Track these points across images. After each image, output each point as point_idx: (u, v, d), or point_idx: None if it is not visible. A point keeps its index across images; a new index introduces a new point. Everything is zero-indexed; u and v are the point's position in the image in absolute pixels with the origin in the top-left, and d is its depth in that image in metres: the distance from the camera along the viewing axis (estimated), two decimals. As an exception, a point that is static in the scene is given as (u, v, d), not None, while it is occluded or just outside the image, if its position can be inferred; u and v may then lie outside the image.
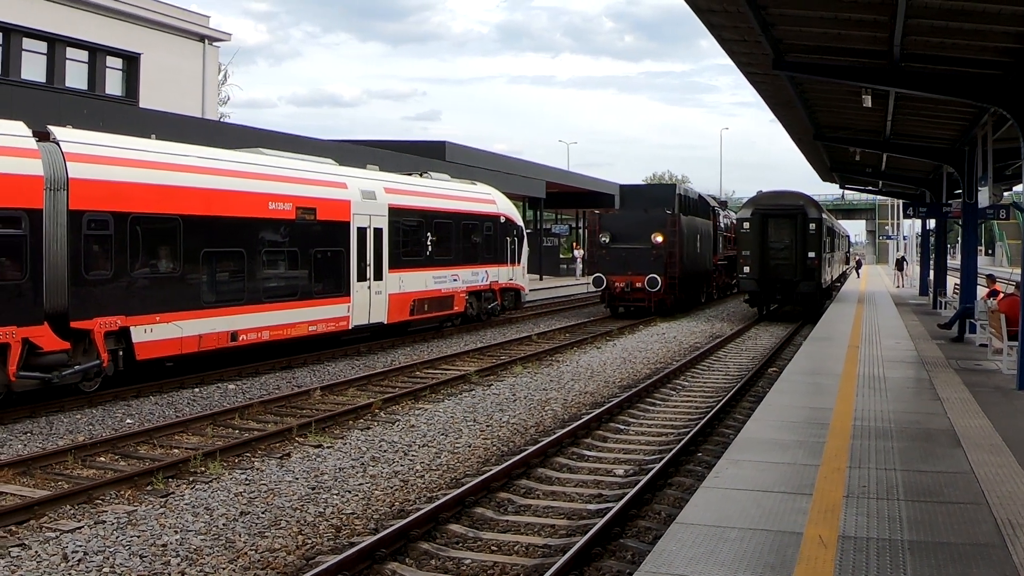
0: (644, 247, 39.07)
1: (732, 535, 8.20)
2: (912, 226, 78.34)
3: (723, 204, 61.77)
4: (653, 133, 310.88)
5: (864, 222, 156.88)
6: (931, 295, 40.34)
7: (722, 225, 53.48)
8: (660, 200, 41.65)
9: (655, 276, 38.37)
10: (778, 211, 38.75)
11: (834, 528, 8.46)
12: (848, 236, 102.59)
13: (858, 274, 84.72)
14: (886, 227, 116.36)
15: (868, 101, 19.82)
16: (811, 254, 38.13)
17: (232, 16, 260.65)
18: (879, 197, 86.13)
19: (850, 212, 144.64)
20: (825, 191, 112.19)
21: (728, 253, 53.88)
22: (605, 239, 39.77)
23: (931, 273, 42.64)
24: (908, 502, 9.38)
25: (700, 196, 48.01)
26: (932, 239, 44.37)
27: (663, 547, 7.87)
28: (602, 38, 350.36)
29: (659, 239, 38.77)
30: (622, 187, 47.99)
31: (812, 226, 38.23)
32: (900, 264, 65.35)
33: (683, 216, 40.56)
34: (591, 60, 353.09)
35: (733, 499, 9.37)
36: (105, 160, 18.50)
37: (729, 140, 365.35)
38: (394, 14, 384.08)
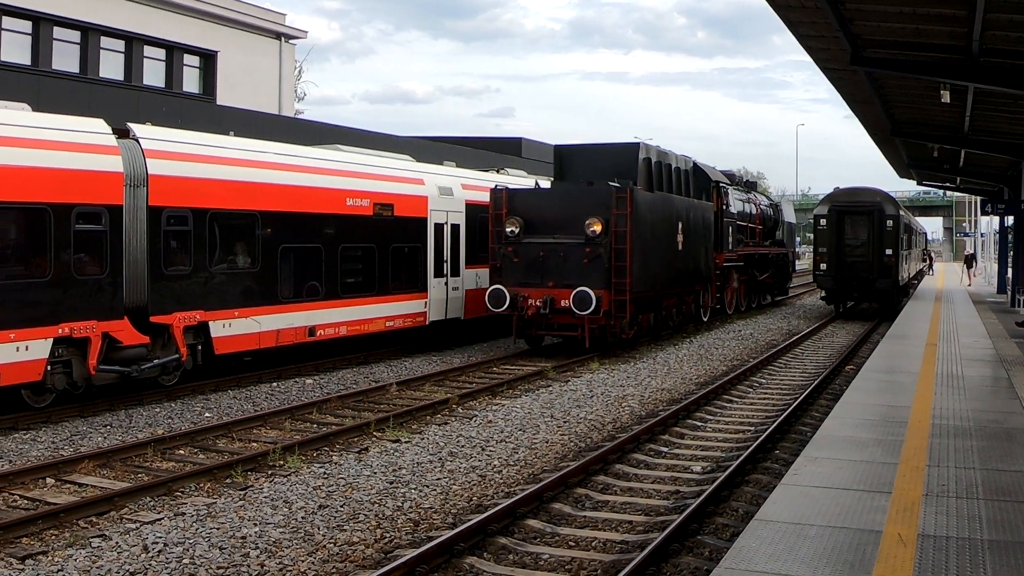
0: (574, 242, 25.01)
1: (811, 532, 8.20)
2: (990, 223, 77.39)
3: (739, 180, 42.85)
4: (728, 129, 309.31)
5: (941, 219, 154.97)
6: (1009, 293, 39.83)
7: (734, 210, 38.09)
8: (613, 168, 26.50)
9: (585, 290, 24.10)
10: (855, 208, 38.43)
11: (913, 527, 8.43)
12: (925, 233, 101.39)
13: (931, 271, 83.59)
14: (963, 224, 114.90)
15: (946, 96, 19.63)
16: (888, 251, 37.78)
17: (304, 14, 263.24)
18: (956, 194, 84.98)
19: (927, 209, 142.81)
20: (901, 188, 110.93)
21: (747, 250, 39.62)
22: (513, 230, 25.56)
23: (1009, 271, 42.10)
24: (987, 501, 9.32)
25: (693, 165, 31.69)
26: (1010, 236, 43.74)
27: (743, 544, 7.90)
28: (674, 34, 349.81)
29: (596, 228, 24.80)
30: (557, 148, 28.65)
31: (889, 223, 37.88)
32: (969, 261, 63.42)
33: (645, 193, 26.32)
34: (664, 56, 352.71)
35: (812, 497, 9.37)
36: (184, 157, 18.81)
37: (804, 137, 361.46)
38: (465, 12, 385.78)
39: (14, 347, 15.62)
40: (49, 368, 16.27)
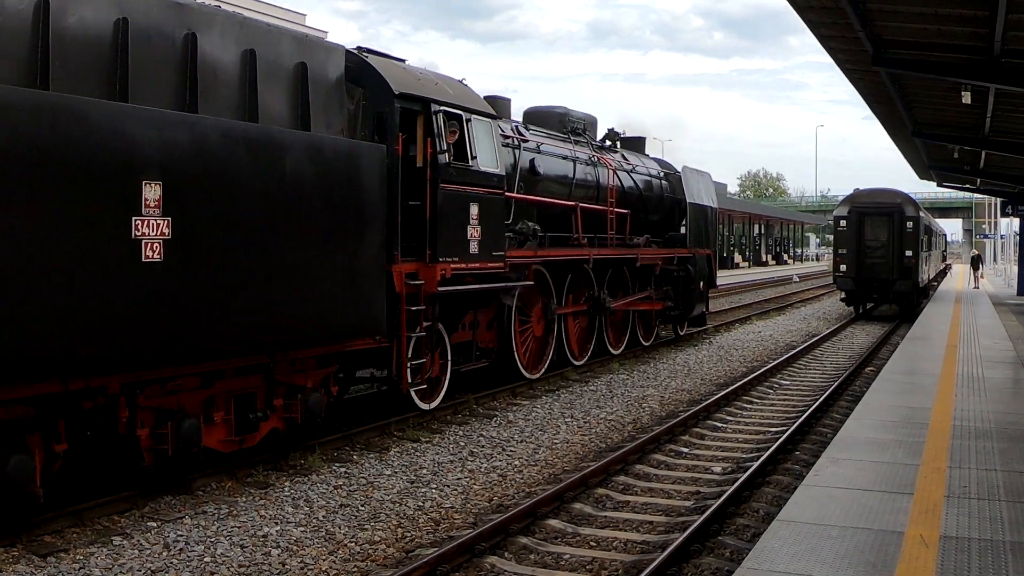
0: None
1: (833, 533, 8.21)
2: (1009, 224, 77.10)
3: (580, 122, 24.26)
4: (747, 131, 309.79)
5: (960, 221, 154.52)
6: (1030, 295, 39.70)
7: (492, 167, 17.05)
8: None
9: None
10: (875, 209, 38.30)
11: (935, 528, 8.43)
12: (945, 235, 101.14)
13: (948, 273, 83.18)
14: (983, 226, 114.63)
15: (967, 97, 19.57)
16: (908, 253, 37.64)
17: (322, 15, 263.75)
18: (976, 195, 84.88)
19: (946, 211, 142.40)
20: (921, 189, 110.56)
21: (565, 253, 20.88)
22: None
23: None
24: (1009, 503, 9.32)
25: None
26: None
27: (765, 544, 7.91)
28: (690, 36, 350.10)
29: None
30: None
31: (909, 224, 37.76)
32: (976, 263, 60.71)
33: None
34: (681, 57, 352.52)
35: (834, 497, 9.37)
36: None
37: (823, 138, 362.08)
38: (483, 13, 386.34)
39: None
40: None
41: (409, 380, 15.30)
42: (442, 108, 15.63)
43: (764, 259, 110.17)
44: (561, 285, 21.22)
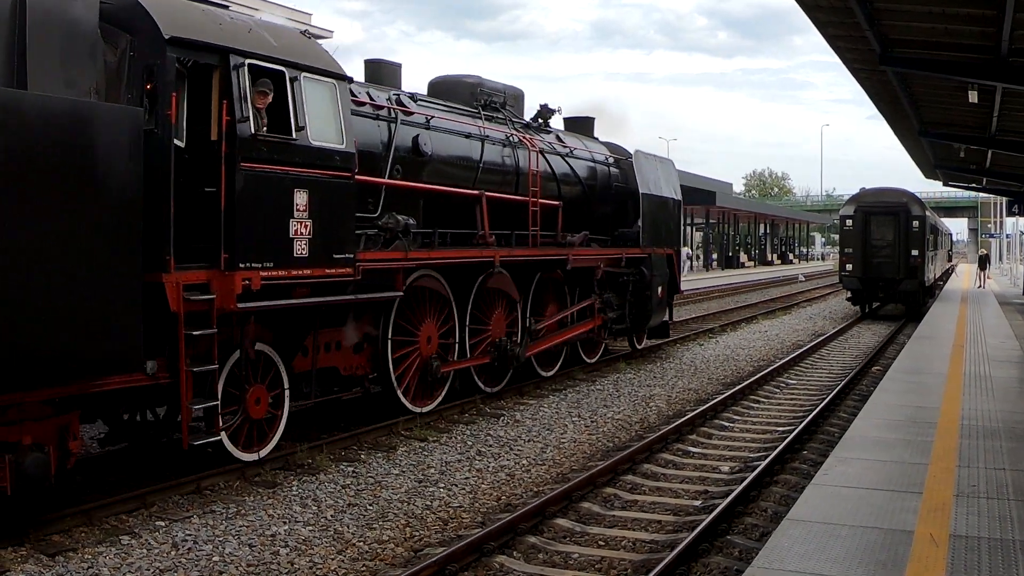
0: None
1: (843, 532, 8.21)
2: (1015, 224, 77.21)
3: (494, 95, 20.09)
4: (751, 130, 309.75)
5: (966, 220, 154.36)
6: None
7: (318, 137, 12.88)
8: None
9: None
10: (881, 208, 38.22)
11: (945, 527, 8.43)
12: (951, 234, 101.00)
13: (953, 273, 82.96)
14: (988, 225, 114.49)
15: (974, 97, 19.56)
16: (914, 252, 37.57)
17: (326, 14, 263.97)
18: (982, 195, 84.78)
19: (952, 210, 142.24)
20: (927, 188, 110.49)
21: (450, 255, 16.65)
22: None
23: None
24: (1018, 502, 9.32)
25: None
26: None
27: (775, 543, 7.92)
28: (694, 35, 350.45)
29: None
30: None
31: (915, 224, 37.69)
32: (983, 263, 60.27)
33: None
34: (685, 56, 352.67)
35: (843, 496, 9.38)
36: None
37: (828, 137, 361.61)
38: (487, 13, 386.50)
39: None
40: None
41: (215, 425, 11.88)
42: (247, 61, 11.83)
43: (770, 259, 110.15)
44: (465, 296, 17.35)
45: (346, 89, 13.65)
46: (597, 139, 24.68)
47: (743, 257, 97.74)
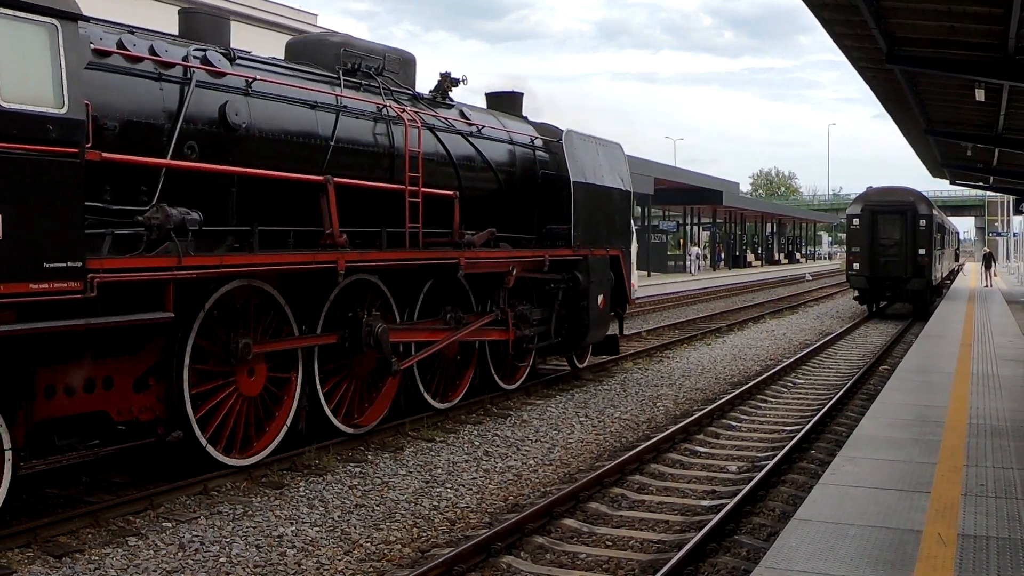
0: None
1: (851, 532, 8.20)
2: (1022, 222, 77.11)
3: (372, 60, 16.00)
4: (758, 130, 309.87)
5: (973, 219, 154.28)
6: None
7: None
8: None
9: None
10: (888, 207, 38.20)
11: (953, 526, 8.41)
12: (958, 233, 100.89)
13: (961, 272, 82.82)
14: (995, 224, 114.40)
15: (981, 95, 19.54)
16: (921, 251, 37.55)
17: (332, 15, 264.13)
18: (989, 193, 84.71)
19: (959, 209, 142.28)
20: (934, 187, 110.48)
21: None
22: None
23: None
24: (1028, 501, 9.30)
25: None
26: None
27: (783, 543, 7.90)
28: (700, 35, 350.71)
29: None
30: None
31: (923, 223, 37.67)
32: (988, 261, 60.33)
33: None
34: (691, 56, 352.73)
35: (851, 496, 9.36)
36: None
37: (835, 137, 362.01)
38: (493, 13, 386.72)
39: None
40: None
41: None
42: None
43: (777, 258, 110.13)
44: (315, 312, 13.72)
45: (74, 32, 9.67)
46: (525, 118, 20.51)
47: (750, 256, 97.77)
